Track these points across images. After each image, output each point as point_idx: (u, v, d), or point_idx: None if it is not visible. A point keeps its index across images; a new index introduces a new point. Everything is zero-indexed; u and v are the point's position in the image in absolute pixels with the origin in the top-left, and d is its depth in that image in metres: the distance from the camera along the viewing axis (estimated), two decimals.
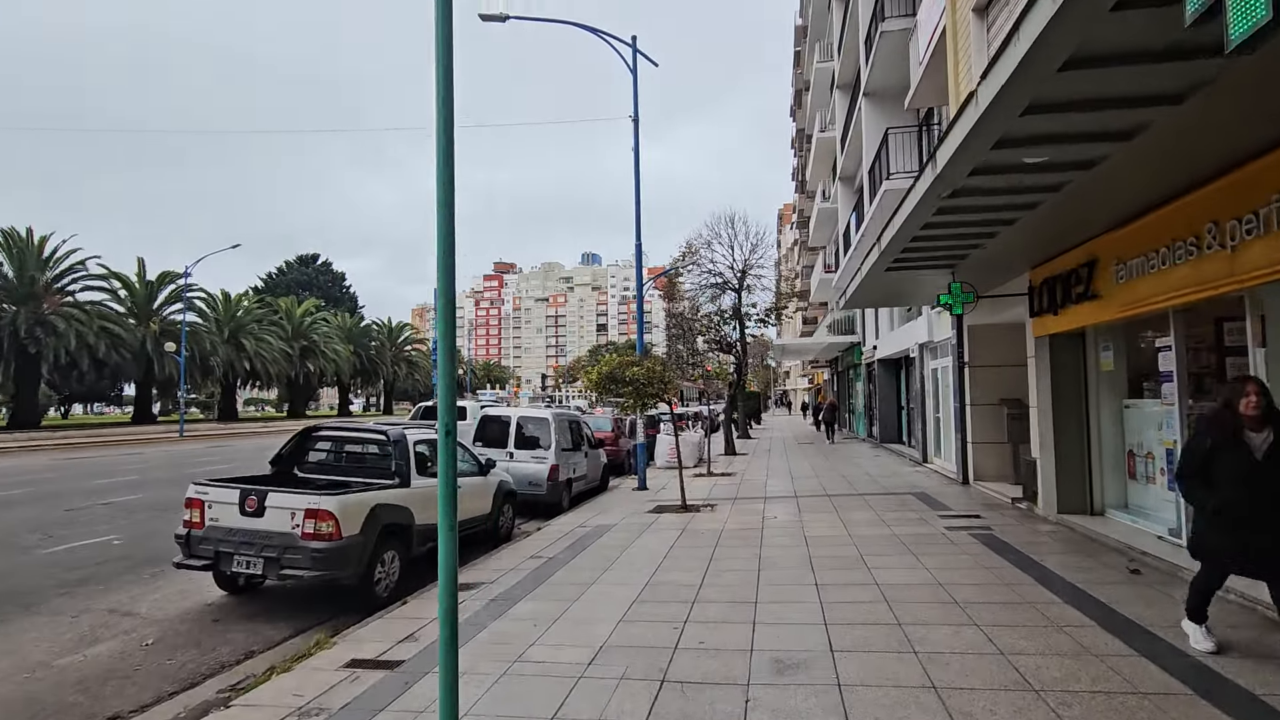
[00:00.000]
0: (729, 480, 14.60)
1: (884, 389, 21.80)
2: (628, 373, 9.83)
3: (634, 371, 9.84)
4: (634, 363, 10.08)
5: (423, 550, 7.31)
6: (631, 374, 9.85)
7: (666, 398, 10.38)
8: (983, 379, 11.82)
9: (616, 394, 10.39)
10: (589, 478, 13.31)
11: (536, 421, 11.69)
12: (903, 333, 17.80)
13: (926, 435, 15.33)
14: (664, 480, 14.92)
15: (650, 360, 10.58)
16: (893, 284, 10.30)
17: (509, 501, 9.72)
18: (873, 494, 11.62)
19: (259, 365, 47.96)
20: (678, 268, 29.01)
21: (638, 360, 10.21)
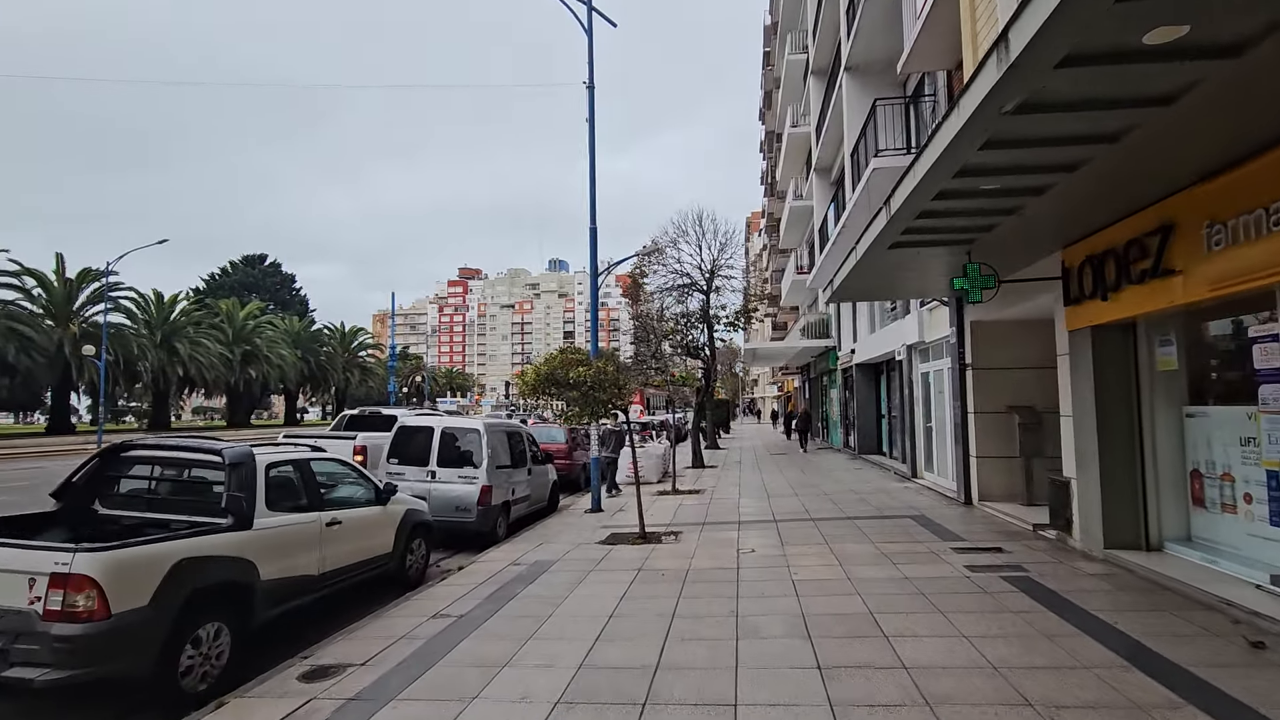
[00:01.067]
0: (697, 500, 12.77)
1: (862, 396, 20.30)
2: (571, 374, 7.95)
3: (579, 373, 7.96)
4: (579, 361, 8.19)
5: (274, 614, 5.29)
6: (576, 375, 7.97)
7: (621, 404, 8.52)
8: (988, 383, 10.24)
9: (559, 399, 8.48)
10: (534, 499, 11.34)
11: (465, 433, 9.69)
12: (886, 334, 16.27)
13: (916, 447, 13.74)
14: (623, 499, 13.04)
15: (601, 360, 8.71)
16: (891, 270, 8.64)
17: (421, 535, 7.71)
18: (864, 517, 9.90)
19: (194, 371, 44.59)
20: (642, 268, 27.29)
21: (584, 359, 8.32)
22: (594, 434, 12.07)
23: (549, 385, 8.09)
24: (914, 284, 10.11)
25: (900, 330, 14.50)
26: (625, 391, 8.75)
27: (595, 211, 12.21)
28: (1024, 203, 5.75)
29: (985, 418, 10.21)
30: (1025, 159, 4.89)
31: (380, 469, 9.70)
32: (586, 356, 8.47)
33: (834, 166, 20.84)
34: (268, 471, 5.51)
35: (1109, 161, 4.88)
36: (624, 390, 8.72)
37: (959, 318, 10.62)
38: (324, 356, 61.35)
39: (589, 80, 12.38)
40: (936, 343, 12.48)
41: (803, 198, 28.58)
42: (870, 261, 8.01)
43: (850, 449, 21.99)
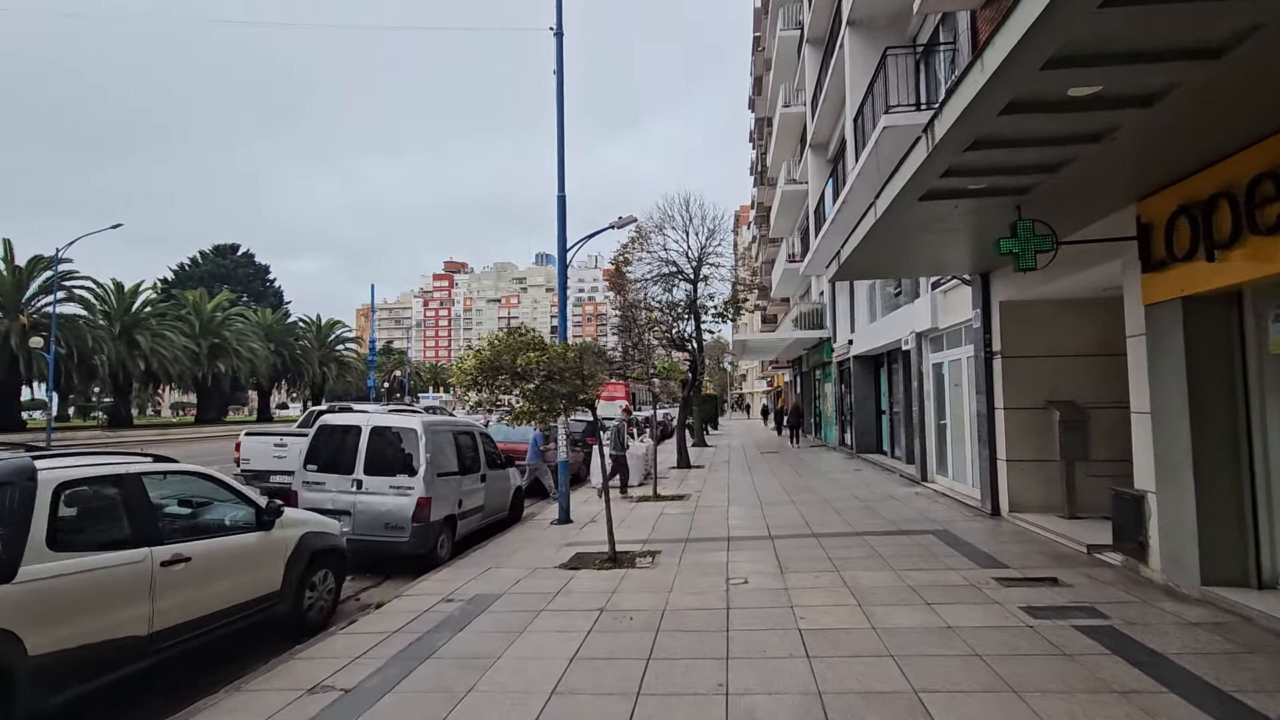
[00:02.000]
0: (680, 507, 11.20)
1: (861, 391, 18.82)
2: (519, 360, 6.31)
3: (529, 359, 6.33)
4: (529, 345, 6.54)
5: (60, 700, 3.65)
6: (525, 362, 6.34)
7: (585, 398, 6.91)
8: (1021, 374, 8.73)
9: (508, 392, 6.85)
10: (490, 509, 9.72)
11: (400, 433, 8.02)
12: (891, 322, 14.76)
13: (927, 448, 12.24)
14: (598, 506, 11.45)
15: (562, 346, 7.08)
16: (912, 235, 7.08)
17: (327, 565, 6.08)
18: (876, 533, 8.37)
19: (156, 365, 42.38)
20: (626, 255, 25.67)
21: (537, 343, 6.67)
22: (560, 433, 10.47)
23: (493, 375, 6.45)
24: (933, 256, 8.57)
25: (908, 316, 12.98)
26: (591, 383, 7.14)
27: (563, 177, 10.57)
28: (1121, 120, 4.19)
29: (1017, 415, 8.70)
30: (1156, 36, 3.33)
31: (296, 478, 8.03)
32: (539, 340, 6.83)
33: (831, 141, 19.30)
34: (58, 495, 3.86)
35: (1211, 83, 3.35)
36: (589, 381, 7.11)
37: (985, 298, 9.10)
38: (299, 350, 59.05)
39: (557, 26, 10.72)
40: (954, 329, 10.96)
41: (795, 181, 27.08)
42: (890, 223, 6.45)
43: (847, 447, 20.52)
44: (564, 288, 10.58)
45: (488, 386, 6.49)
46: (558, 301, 10.53)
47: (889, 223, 6.47)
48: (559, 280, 10.55)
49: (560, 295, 10.54)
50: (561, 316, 10.58)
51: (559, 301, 10.55)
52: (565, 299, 10.59)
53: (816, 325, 23.71)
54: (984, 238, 7.16)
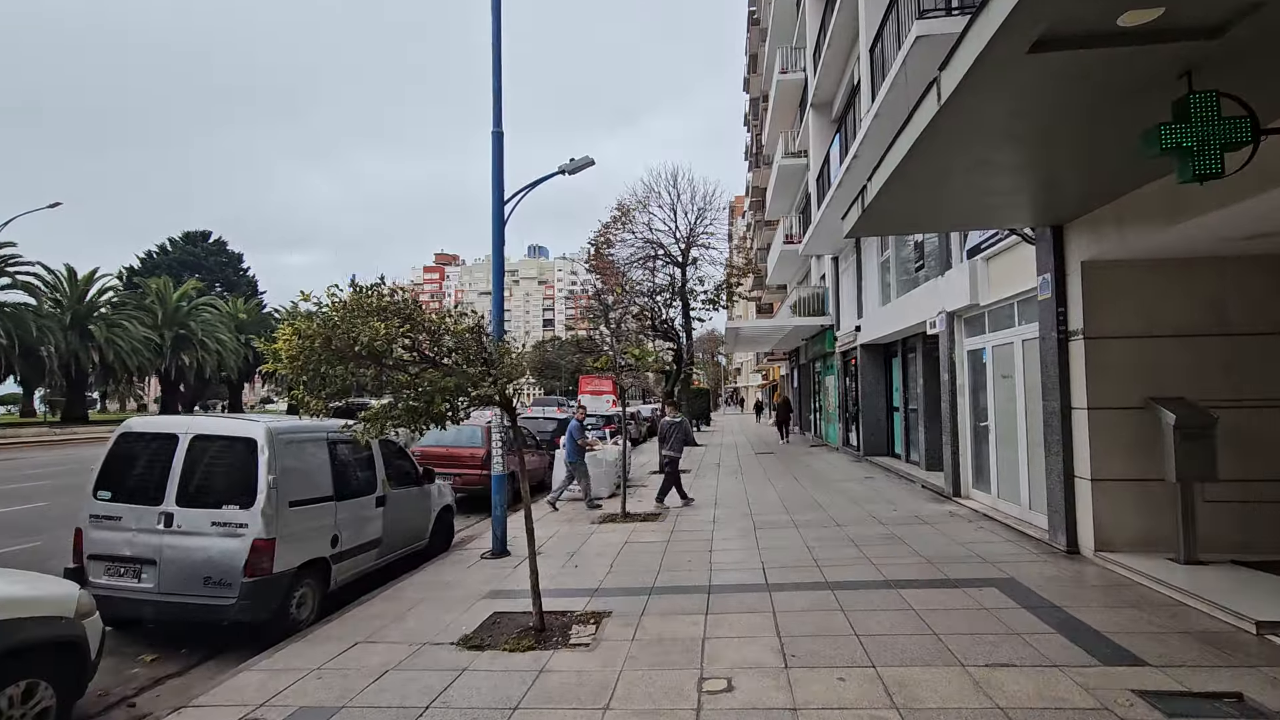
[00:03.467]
0: (654, 531, 8.80)
1: (869, 384, 16.45)
2: (361, 336, 3.84)
3: (374, 330, 3.87)
4: (386, 311, 4.06)
5: None
6: (372, 336, 3.88)
7: (486, 391, 4.49)
8: (1114, 361, 6.36)
9: (361, 384, 4.41)
10: (394, 541, 7.30)
11: (232, 445, 5.57)
12: (909, 303, 12.38)
13: (960, 454, 9.87)
14: (552, 528, 9.04)
15: (451, 316, 4.62)
16: (978, 152, 4.69)
17: (34, 674, 3.66)
18: (916, 583, 5.97)
19: (111, 356, 39.68)
20: (607, 235, 23.26)
21: (400, 308, 4.16)
22: (495, 440, 8.06)
23: (325, 363, 4.00)
24: (985, 198, 6.12)
25: (934, 293, 10.58)
26: (501, 371, 4.71)
27: (500, 110, 8.13)
28: None
29: (1107, 417, 6.33)
30: None
31: (82, 510, 5.58)
32: (409, 304, 4.35)
33: (836, 97, 16.87)
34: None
35: None
36: (497, 370, 4.69)
37: (1058, 258, 6.71)
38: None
39: None
40: (1003, 305, 8.58)
41: (793, 154, 24.66)
42: (952, 128, 4.05)
43: (852, 449, 18.17)
44: (500, 247, 8.13)
45: (317, 379, 4.05)
46: (492, 267, 8.10)
47: (949, 128, 4.06)
48: (494, 239, 8.10)
49: (495, 258, 8.09)
50: (496, 285, 8.13)
51: (494, 266, 8.11)
52: (501, 261, 8.14)
53: (817, 311, 21.33)
54: (1084, 151, 4.77)
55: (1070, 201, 6.08)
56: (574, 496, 11.49)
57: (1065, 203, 6.14)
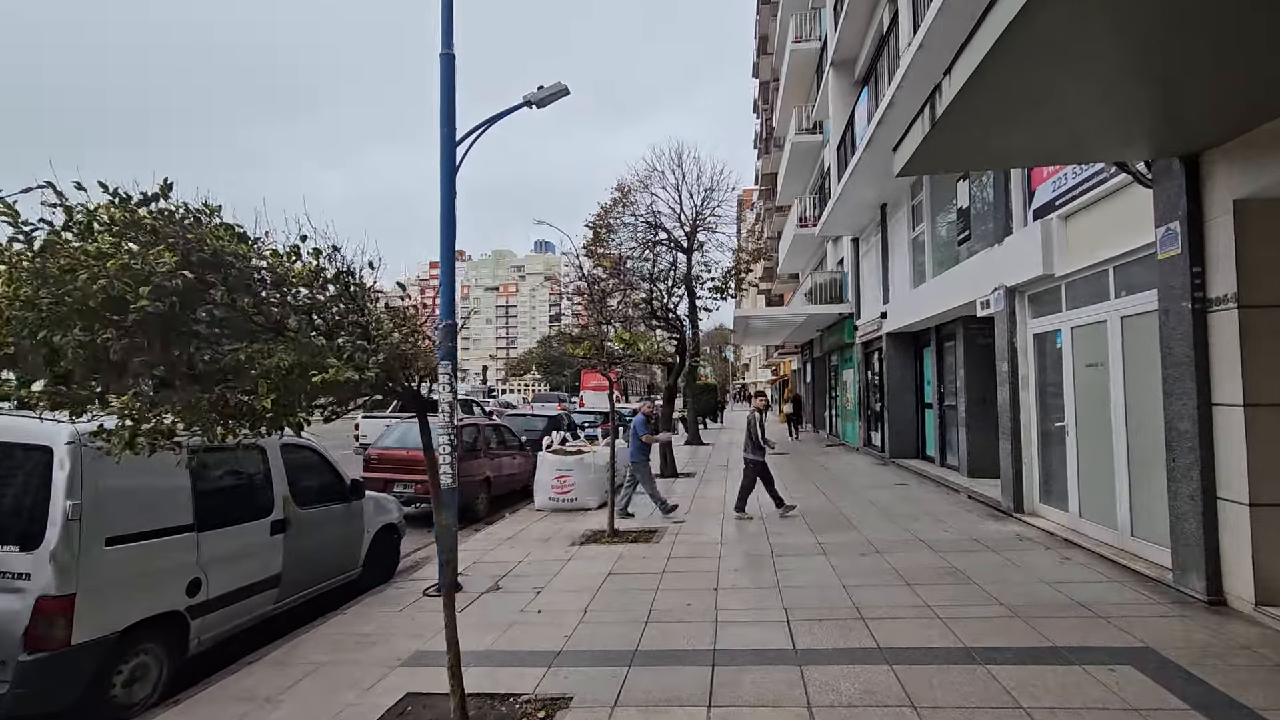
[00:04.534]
0: (644, 558, 7.04)
1: (895, 378, 14.63)
2: (94, 279, 2.14)
3: (139, 262, 2.16)
4: (154, 232, 2.36)
5: None
6: (115, 269, 2.18)
7: (365, 374, 2.77)
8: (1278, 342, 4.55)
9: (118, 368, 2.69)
10: (302, 577, 5.61)
11: (9, 457, 3.85)
12: (950, 281, 10.55)
13: (1024, 463, 8.06)
14: (523, 550, 7.24)
15: (285, 252, 2.87)
16: (1092, 40, 2.93)
17: None
18: (1008, 654, 4.20)
19: None
20: (607, 219, 21.49)
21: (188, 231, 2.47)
22: (443, 440, 6.33)
23: (51, 323, 2.32)
24: (1085, 119, 4.31)
25: (989, 266, 8.76)
26: (384, 344, 2.96)
27: (450, 30, 6.37)
28: None
29: (1273, 418, 4.52)
30: None
31: None
32: (192, 231, 2.60)
33: (861, 52, 15.01)
34: None
35: None
36: (384, 344, 2.94)
37: (1192, 200, 4.90)
38: None
39: None
40: (1088, 274, 6.77)
41: (807, 130, 22.82)
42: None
43: (875, 449, 16.36)
44: (450, 198, 6.36)
45: (37, 352, 2.33)
46: (440, 229, 6.34)
47: None
48: (443, 188, 6.34)
49: (444, 209, 6.33)
50: (445, 251, 6.39)
51: (442, 222, 6.36)
52: (452, 218, 6.37)
53: (835, 299, 19.49)
54: (1252, 37, 2.97)
55: (1216, 118, 4.27)
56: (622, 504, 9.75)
57: (1205, 121, 4.33)
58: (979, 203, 9.67)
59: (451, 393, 6.40)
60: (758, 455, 9.10)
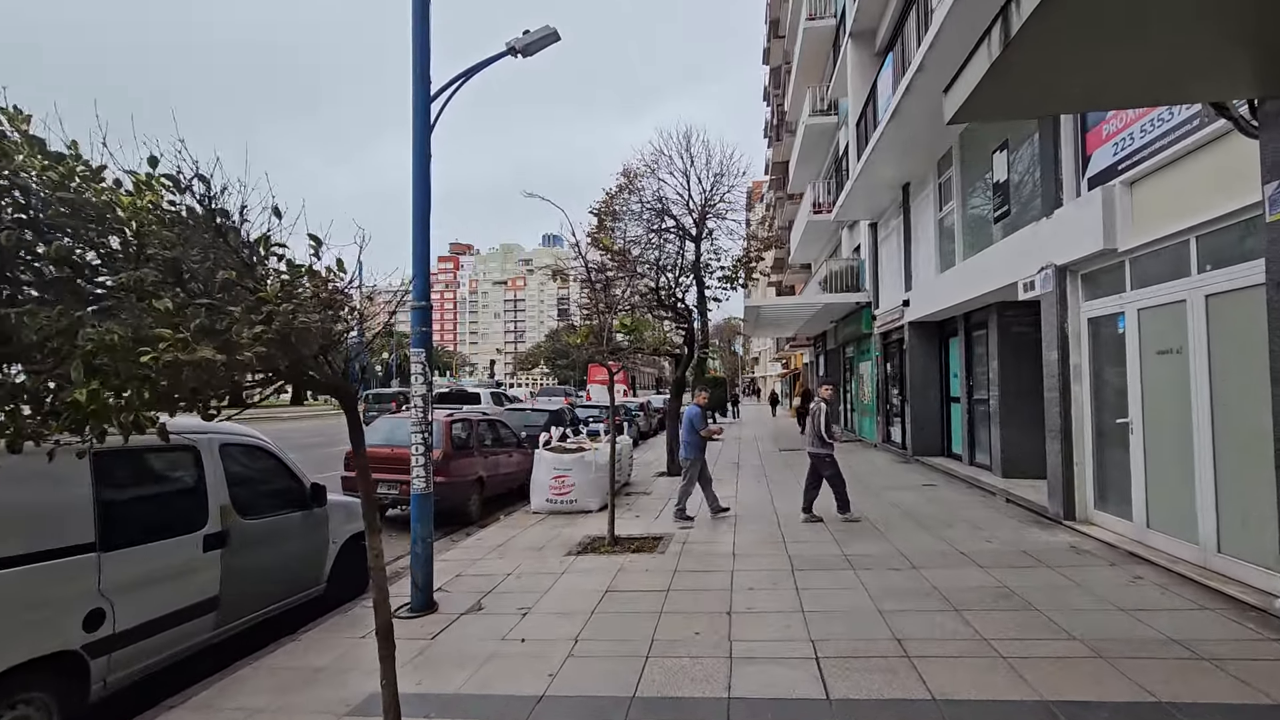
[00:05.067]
0: (648, 571, 6.20)
1: (919, 370, 13.71)
2: None
3: None
4: None
5: None
6: None
7: (323, 359, 1.96)
8: None
9: None
10: (242, 603, 4.81)
11: None
12: (985, 263, 9.62)
13: (1077, 461, 7.17)
14: (513, 561, 6.40)
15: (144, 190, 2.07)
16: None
17: None
18: (1101, 713, 3.36)
19: None
20: (611, 205, 20.63)
21: None
22: (418, 441, 5.51)
23: None
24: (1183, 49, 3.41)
25: (1034, 242, 7.84)
26: (279, 313, 2.13)
27: None
28: None
29: None
30: None
31: None
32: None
33: (882, 22, 14.04)
34: None
35: None
36: (274, 311, 2.10)
37: None
38: None
39: None
40: (1160, 247, 5.85)
41: (821, 112, 21.84)
42: None
43: (896, 446, 15.46)
44: (425, 135, 5.51)
45: None
46: (413, 167, 5.49)
47: None
48: (415, 138, 5.49)
49: (416, 167, 5.48)
50: (419, 192, 5.54)
51: (414, 165, 5.51)
52: (427, 154, 5.52)
53: (851, 287, 18.55)
54: None
55: None
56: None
57: None
58: (1021, 174, 8.73)
59: (425, 385, 5.60)
60: (823, 448, 8.18)
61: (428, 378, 5.57)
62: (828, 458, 8.18)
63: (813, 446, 8.32)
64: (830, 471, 8.16)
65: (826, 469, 8.18)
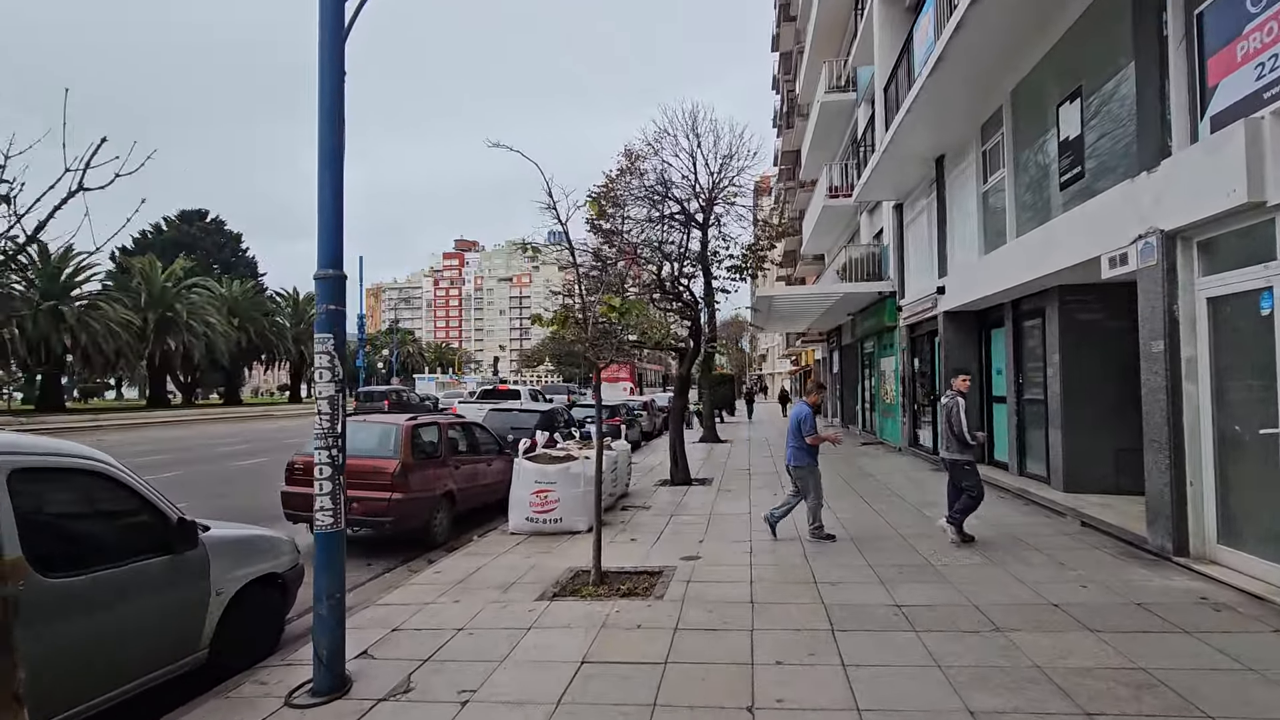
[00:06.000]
0: (640, 629, 4.69)
1: (957, 365, 12.11)
2: None
3: None
4: None
5: None
6: None
7: None
8: None
9: None
10: (49, 690, 3.33)
11: None
12: (1050, 236, 8.03)
13: (1186, 483, 5.60)
14: (471, 607, 4.88)
15: None
16: None
17: None
18: None
19: (86, 340, 36.61)
20: (611, 188, 19.11)
21: None
22: (323, 461, 4.04)
23: None
24: None
25: (1128, 205, 6.26)
26: None
27: None
28: None
29: None
30: None
31: None
32: None
33: None
34: None
35: None
36: None
37: None
38: (271, 327, 53.11)
39: None
40: None
41: (838, 88, 20.26)
42: None
43: (925, 451, 13.90)
44: (333, 72, 4.03)
45: None
46: (319, 46, 4.02)
47: None
48: (321, 58, 4.02)
49: (324, 85, 4.00)
50: (328, 83, 4.05)
51: (320, 108, 4.03)
52: (336, 101, 4.04)
53: (873, 275, 16.98)
54: None
55: None
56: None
57: None
58: (1102, 125, 7.15)
59: (335, 383, 4.12)
60: (963, 452, 6.69)
61: (337, 373, 4.09)
62: (968, 464, 6.68)
63: (948, 450, 6.83)
64: (971, 482, 6.64)
65: (967, 478, 6.66)
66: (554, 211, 5.76)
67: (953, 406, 6.74)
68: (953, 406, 6.74)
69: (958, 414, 6.66)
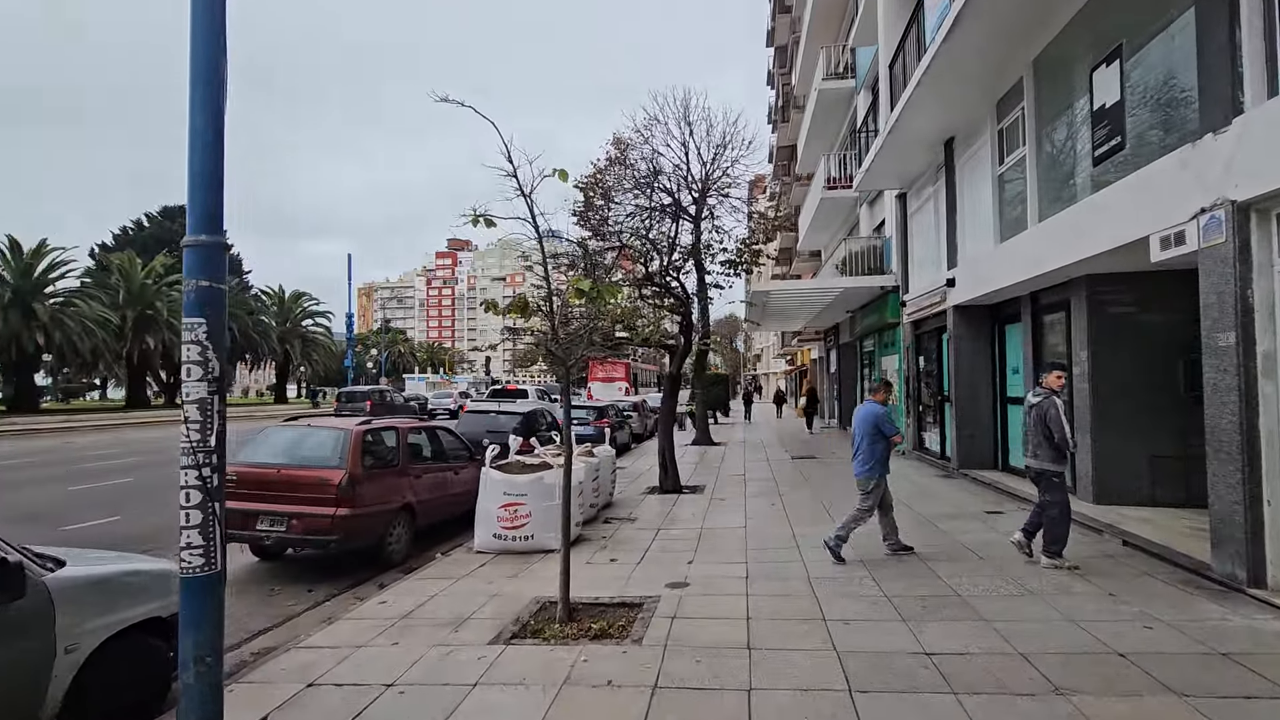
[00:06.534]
0: (607, 686, 3.76)
1: (966, 365, 11.28)
2: None
3: None
4: None
5: None
6: None
7: None
8: None
9: None
10: None
11: None
12: (1083, 218, 7.14)
13: (1263, 501, 4.72)
14: (413, 651, 3.89)
15: None
16: None
17: None
18: None
19: (61, 338, 35.41)
20: (599, 178, 18.18)
21: None
22: (190, 481, 3.09)
23: None
24: None
25: (1190, 174, 5.38)
26: None
27: None
28: None
29: None
30: None
31: None
32: None
33: None
34: None
35: None
36: None
37: None
38: (255, 326, 51.90)
39: None
40: None
41: (837, 75, 19.43)
42: None
43: (934, 456, 13.03)
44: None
45: None
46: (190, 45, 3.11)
47: None
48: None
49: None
50: (198, 83, 3.11)
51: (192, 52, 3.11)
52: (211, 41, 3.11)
53: (874, 269, 16.10)
54: None
55: None
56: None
57: None
58: (1149, 86, 6.26)
59: (209, 382, 3.16)
60: (1056, 463, 5.73)
61: (210, 369, 3.13)
62: (1057, 476, 5.71)
63: (1036, 459, 5.82)
64: (1058, 496, 5.69)
65: (1055, 492, 5.70)
66: (514, 180, 4.84)
67: (1049, 407, 5.67)
68: (1049, 407, 5.67)
69: (1057, 416, 5.60)
